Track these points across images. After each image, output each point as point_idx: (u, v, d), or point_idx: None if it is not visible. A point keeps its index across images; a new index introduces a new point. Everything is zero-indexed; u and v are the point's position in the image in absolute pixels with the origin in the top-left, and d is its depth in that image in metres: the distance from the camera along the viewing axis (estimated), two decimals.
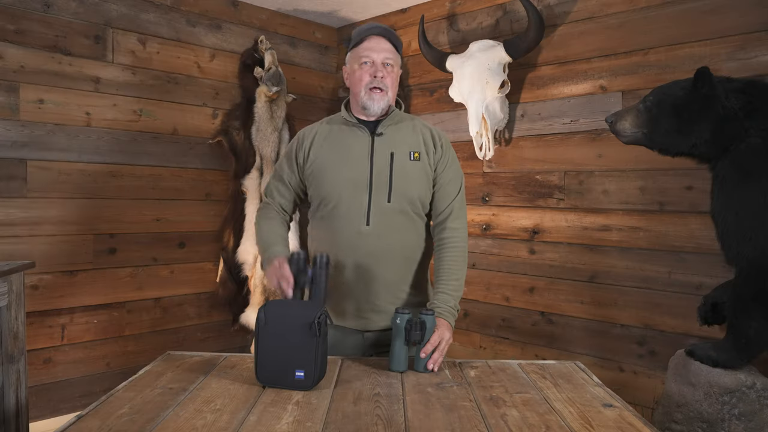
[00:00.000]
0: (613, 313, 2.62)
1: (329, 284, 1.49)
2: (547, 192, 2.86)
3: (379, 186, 1.63)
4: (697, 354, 1.83)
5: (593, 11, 2.69)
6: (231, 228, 3.23)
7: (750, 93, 1.72)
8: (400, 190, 1.64)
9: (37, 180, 2.71)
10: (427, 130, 1.75)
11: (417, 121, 1.78)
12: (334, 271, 1.64)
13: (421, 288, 1.74)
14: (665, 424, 1.87)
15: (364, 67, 1.67)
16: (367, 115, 1.69)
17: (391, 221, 1.64)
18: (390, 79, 1.68)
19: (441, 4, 3.36)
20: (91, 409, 1.22)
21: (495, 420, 1.18)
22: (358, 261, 1.63)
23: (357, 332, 1.67)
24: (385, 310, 1.63)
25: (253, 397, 1.28)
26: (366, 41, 1.68)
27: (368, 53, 1.66)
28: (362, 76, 1.66)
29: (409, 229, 1.68)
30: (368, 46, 1.67)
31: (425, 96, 3.46)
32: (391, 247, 1.64)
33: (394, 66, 1.69)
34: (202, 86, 3.28)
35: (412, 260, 1.70)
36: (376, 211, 1.63)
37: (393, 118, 1.71)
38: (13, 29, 2.64)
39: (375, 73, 1.65)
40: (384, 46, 1.67)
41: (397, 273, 1.66)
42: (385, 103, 1.67)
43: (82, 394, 2.85)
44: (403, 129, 1.72)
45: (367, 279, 1.63)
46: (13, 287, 1.95)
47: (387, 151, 1.66)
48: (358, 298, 1.64)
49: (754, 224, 1.66)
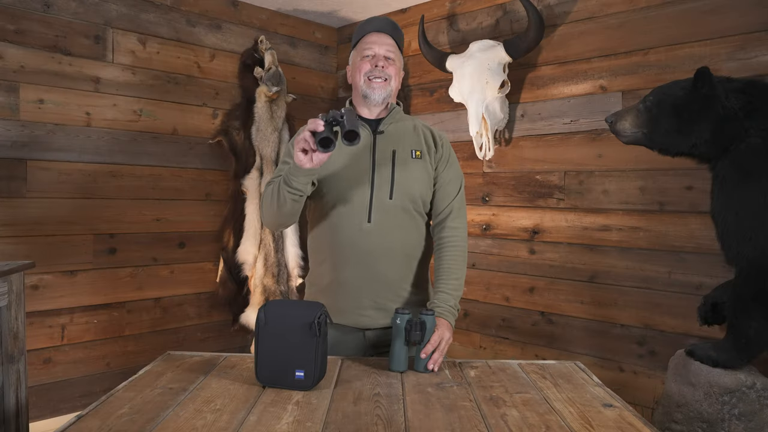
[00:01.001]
0: (613, 313, 2.62)
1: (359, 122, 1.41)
2: (547, 192, 2.86)
3: (381, 182, 1.63)
4: (697, 354, 1.83)
5: (593, 11, 2.69)
6: (231, 228, 3.23)
7: (750, 93, 1.72)
8: (403, 187, 1.64)
9: (37, 180, 2.71)
10: (428, 130, 1.77)
11: (417, 121, 1.79)
12: (335, 268, 1.65)
13: (422, 287, 1.74)
14: (665, 424, 1.87)
15: (365, 60, 1.68)
16: (367, 105, 1.69)
17: (393, 218, 1.64)
18: (392, 70, 1.68)
19: (441, 4, 3.36)
20: (91, 409, 1.21)
21: (495, 420, 1.18)
22: (359, 258, 1.63)
23: (357, 330, 1.67)
24: (386, 308, 1.63)
25: (253, 397, 1.28)
26: (369, 36, 1.70)
27: (370, 46, 1.68)
28: (363, 65, 1.67)
29: (411, 227, 1.68)
30: (371, 40, 1.69)
31: (425, 96, 3.46)
32: (392, 244, 1.64)
33: (395, 60, 1.70)
34: (202, 86, 3.28)
35: (413, 258, 1.70)
36: (377, 207, 1.63)
37: (394, 116, 1.72)
38: (13, 29, 2.64)
39: (376, 63, 1.66)
40: (386, 41, 1.69)
41: (398, 271, 1.66)
42: (387, 92, 1.67)
43: (82, 394, 2.85)
44: (405, 128, 1.73)
45: (367, 276, 1.63)
46: (13, 287, 1.95)
47: (389, 148, 1.67)
48: (358, 295, 1.64)
49: (754, 224, 1.66)
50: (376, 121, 1.71)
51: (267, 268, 3.18)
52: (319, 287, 1.73)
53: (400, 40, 1.75)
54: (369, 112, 1.71)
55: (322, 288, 1.71)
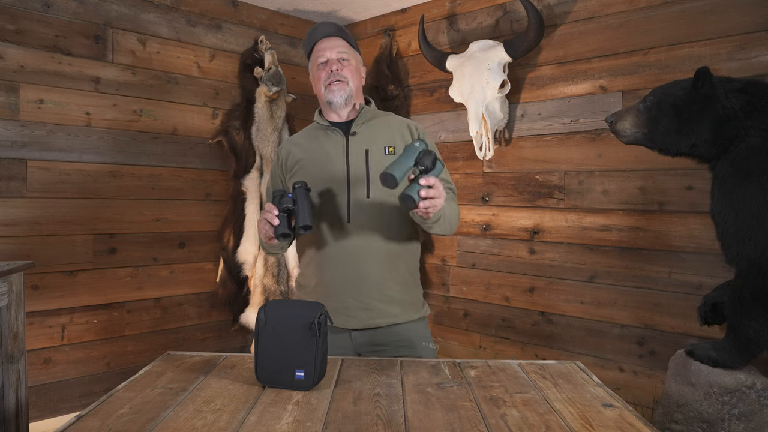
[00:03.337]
0: (613, 313, 2.62)
1: (311, 204, 1.55)
2: (547, 192, 2.86)
3: (357, 182, 1.66)
4: (697, 354, 1.83)
5: (593, 11, 2.69)
6: (231, 228, 3.23)
7: (750, 93, 1.72)
8: (379, 185, 1.64)
9: (37, 180, 2.71)
10: (404, 124, 1.77)
11: (392, 117, 1.80)
12: (320, 269, 1.67)
13: (409, 286, 1.73)
14: (665, 424, 1.87)
15: (321, 67, 1.71)
16: (334, 110, 1.72)
17: (372, 217, 1.65)
18: (348, 70, 1.71)
19: (441, 4, 3.36)
20: (91, 409, 1.21)
21: (495, 420, 1.18)
22: (341, 258, 1.65)
23: (344, 331, 1.67)
24: (371, 308, 1.64)
25: (253, 397, 1.28)
26: (318, 43, 1.73)
27: (322, 53, 1.71)
28: (320, 75, 1.71)
29: (392, 225, 1.68)
30: (320, 47, 1.72)
31: (425, 96, 3.46)
32: (374, 243, 1.65)
33: (350, 59, 1.72)
34: (202, 86, 3.28)
35: (397, 257, 1.70)
36: (356, 207, 1.65)
37: (364, 116, 1.73)
38: (13, 29, 2.64)
39: (331, 68, 1.69)
40: (336, 44, 1.72)
41: (381, 269, 1.66)
42: (347, 93, 1.69)
43: (82, 394, 2.85)
44: (377, 126, 1.74)
45: (352, 275, 1.64)
46: (13, 287, 1.95)
47: (362, 148, 1.68)
48: (343, 295, 1.65)
49: (754, 224, 1.66)
50: (346, 123, 1.73)
51: (267, 268, 3.18)
52: (307, 289, 1.74)
53: (350, 39, 1.77)
54: (338, 117, 1.74)
55: (310, 290, 1.73)
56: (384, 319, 1.66)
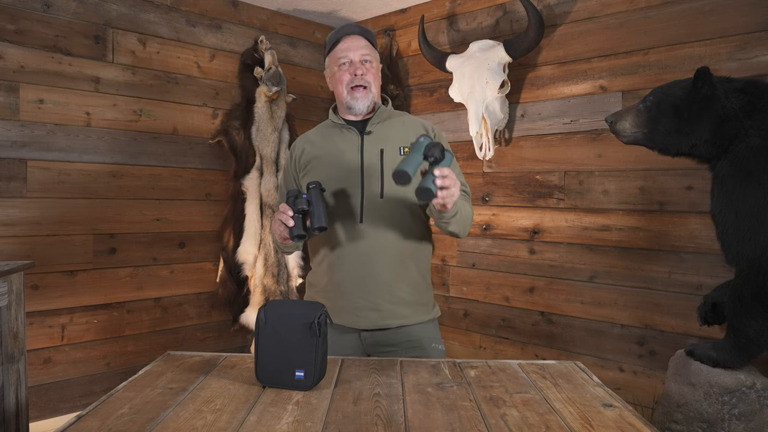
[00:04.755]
0: (613, 313, 2.62)
1: (325, 205, 1.55)
2: (547, 192, 2.86)
3: (371, 183, 1.64)
4: (697, 354, 1.83)
5: (593, 11, 2.69)
6: (231, 228, 3.23)
7: (750, 93, 1.72)
8: (393, 186, 1.63)
9: (37, 180, 2.71)
10: (418, 124, 1.76)
11: (407, 117, 1.79)
12: (331, 268, 1.66)
13: (420, 288, 1.72)
14: (665, 424, 1.87)
15: (343, 68, 1.69)
16: (353, 114, 1.71)
17: (385, 217, 1.64)
18: (371, 75, 1.70)
19: (441, 4, 3.36)
20: (91, 409, 1.21)
21: (495, 420, 1.17)
22: (353, 258, 1.64)
23: (353, 331, 1.67)
24: (381, 309, 1.63)
25: (253, 397, 1.28)
26: (341, 42, 1.71)
27: (345, 53, 1.69)
28: (342, 77, 1.69)
29: (404, 226, 1.67)
30: (344, 47, 1.70)
31: (425, 96, 3.46)
32: (385, 243, 1.64)
33: (372, 62, 1.71)
34: (202, 86, 3.28)
35: (408, 258, 1.69)
36: (368, 207, 1.64)
37: (380, 115, 1.72)
38: (13, 29, 2.64)
39: (355, 72, 1.67)
40: (360, 44, 1.70)
41: (392, 270, 1.65)
42: (370, 100, 1.69)
43: (82, 394, 2.85)
44: (393, 125, 1.73)
45: (362, 275, 1.63)
46: (13, 287, 1.95)
47: (376, 148, 1.67)
48: (354, 295, 1.64)
49: (754, 224, 1.66)
50: (362, 122, 1.72)
51: (267, 268, 3.18)
52: (317, 288, 1.74)
53: (373, 39, 1.75)
54: (354, 116, 1.72)
55: (320, 288, 1.72)
56: (394, 320, 1.65)
